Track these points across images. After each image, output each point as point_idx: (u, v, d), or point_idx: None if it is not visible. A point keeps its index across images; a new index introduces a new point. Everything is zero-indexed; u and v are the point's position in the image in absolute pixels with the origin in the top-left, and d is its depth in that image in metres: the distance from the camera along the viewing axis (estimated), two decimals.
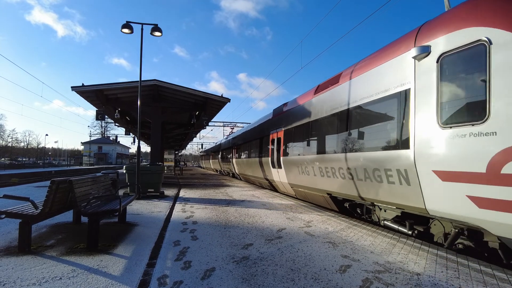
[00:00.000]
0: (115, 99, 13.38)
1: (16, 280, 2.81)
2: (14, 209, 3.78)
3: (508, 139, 3.15)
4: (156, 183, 9.62)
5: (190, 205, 7.62)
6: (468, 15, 3.76)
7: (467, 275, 3.09)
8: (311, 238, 4.47)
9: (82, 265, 3.24)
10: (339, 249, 3.90)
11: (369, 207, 6.10)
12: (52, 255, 3.56)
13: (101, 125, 75.31)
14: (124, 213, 5.43)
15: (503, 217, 3.22)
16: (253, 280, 2.88)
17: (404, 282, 2.87)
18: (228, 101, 13.40)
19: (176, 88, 12.24)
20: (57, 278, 2.89)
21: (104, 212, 4.02)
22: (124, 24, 8.63)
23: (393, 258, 3.56)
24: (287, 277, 2.96)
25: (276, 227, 5.15)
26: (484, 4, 3.61)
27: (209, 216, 6.12)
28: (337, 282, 2.85)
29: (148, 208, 7.11)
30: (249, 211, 6.78)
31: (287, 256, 3.61)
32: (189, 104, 14.41)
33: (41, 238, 4.33)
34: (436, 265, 3.36)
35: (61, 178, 3.97)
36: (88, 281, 2.84)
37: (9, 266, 3.17)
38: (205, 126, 18.76)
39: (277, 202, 8.32)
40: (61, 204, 4.18)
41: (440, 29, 4.12)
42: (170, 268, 3.18)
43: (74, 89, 11.15)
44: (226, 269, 3.16)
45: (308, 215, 6.34)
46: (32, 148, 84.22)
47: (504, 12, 3.41)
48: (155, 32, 8.99)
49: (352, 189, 5.94)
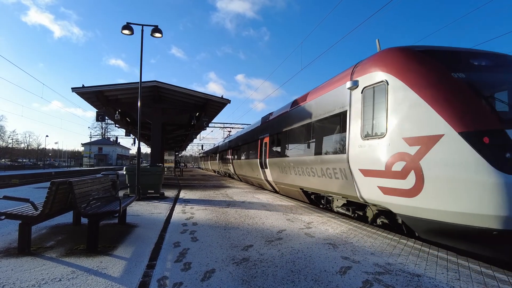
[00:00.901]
0: (115, 100, 13.38)
1: (16, 282, 2.81)
2: (14, 210, 3.77)
3: (395, 148, 4.63)
4: (156, 184, 9.62)
5: (190, 207, 7.61)
6: (378, 62, 5.35)
7: (468, 276, 3.08)
8: (311, 239, 4.46)
9: (81, 267, 3.23)
10: (339, 251, 3.89)
11: (329, 197, 7.52)
12: (51, 256, 3.56)
13: (101, 126, 75.35)
14: (124, 214, 5.43)
15: (396, 200, 4.65)
16: (253, 282, 2.87)
17: (404, 283, 2.86)
18: (228, 102, 13.42)
19: (177, 89, 12.25)
20: (56, 279, 2.88)
21: (104, 213, 4.02)
22: (124, 25, 8.64)
23: (394, 260, 3.55)
24: (287, 279, 2.95)
25: (276, 229, 5.15)
26: (386, 57, 5.25)
27: (209, 218, 6.11)
28: (337, 284, 2.84)
29: (148, 209, 7.11)
30: (249, 212, 6.78)
31: (287, 257, 3.61)
32: (189, 105, 14.42)
33: (41, 239, 4.32)
34: (436, 266, 3.36)
35: (61, 179, 3.97)
36: (88, 282, 2.83)
37: (9, 267, 3.16)
38: (205, 127, 18.77)
39: (277, 203, 8.31)
40: (61, 205, 4.18)
41: (364, 69, 5.68)
42: (170, 270, 3.18)
43: (75, 90, 11.16)
44: (226, 271, 3.15)
45: (308, 216, 6.33)
46: (33, 149, 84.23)
47: (396, 64, 4.97)
48: (155, 33, 9.00)
49: (315, 184, 7.52)
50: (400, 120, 4.68)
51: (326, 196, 7.60)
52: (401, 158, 4.51)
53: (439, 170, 4.04)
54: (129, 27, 8.68)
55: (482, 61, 4.97)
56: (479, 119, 3.97)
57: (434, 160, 4.10)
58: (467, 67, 4.70)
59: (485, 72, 4.84)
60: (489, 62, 4.97)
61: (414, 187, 4.31)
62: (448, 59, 4.82)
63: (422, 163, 4.20)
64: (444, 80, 4.44)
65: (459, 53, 5.08)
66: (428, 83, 4.47)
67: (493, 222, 3.61)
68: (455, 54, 5.04)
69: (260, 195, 10.33)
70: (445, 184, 3.98)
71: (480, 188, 3.65)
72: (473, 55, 5.03)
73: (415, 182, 4.29)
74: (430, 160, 4.14)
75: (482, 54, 5.19)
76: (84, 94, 11.88)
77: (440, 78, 4.47)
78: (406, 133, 4.52)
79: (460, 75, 4.45)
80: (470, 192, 3.75)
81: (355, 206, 6.42)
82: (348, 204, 6.59)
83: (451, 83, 4.38)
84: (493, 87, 4.87)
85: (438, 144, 4.07)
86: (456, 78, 4.41)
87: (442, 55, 4.93)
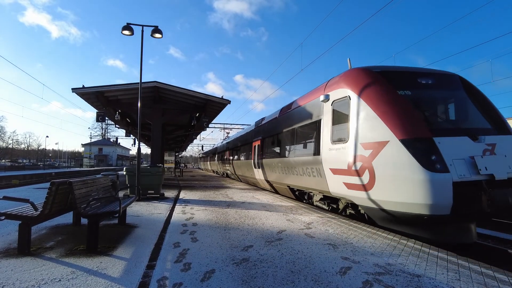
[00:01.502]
0: (115, 101, 13.38)
1: (15, 282, 2.80)
2: (14, 210, 3.77)
3: (354, 151, 5.62)
4: (156, 184, 9.62)
5: (190, 207, 7.61)
6: (344, 80, 6.36)
7: (468, 277, 3.08)
8: (311, 240, 4.45)
9: (81, 267, 3.23)
10: (340, 251, 3.88)
11: (310, 193, 8.55)
12: (51, 256, 3.56)
13: (101, 127, 75.39)
14: (124, 214, 5.43)
15: (357, 193, 5.64)
16: (253, 282, 2.87)
17: (404, 284, 2.86)
18: (229, 103, 13.41)
19: (177, 90, 12.25)
20: (56, 279, 2.88)
21: (104, 213, 4.02)
22: (124, 26, 8.64)
23: (394, 260, 3.54)
24: (287, 279, 2.95)
25: (276, 229, 5.14)
26: (350, 77, 6.25)
27: (209, 218, 6.11)
28: (337, 284, 2.84)
29: (148, 210, 7.10)
30: (249, 212, 6.77)
31: (287, 258, 3.60)
32: (189, 106, 14.42)
33: (41, 239, 4.32)
34: (436, 267, 3.35)
35: (61, 179, 3.97)
36: (88, 282, 2.83)
37: (9, 268, 3.16)
38: (205, 128, 18.78)
39: (277, 204, 8.30)
40: (61, 206, 4.18)
41: (333, 85, 6.72)
42: (169, 270, 3.17)
43: (75, 91, 11.16)
44: (226, 271, 3.14)
45: (308, 216, 6.33)
46: (33, 150, 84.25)
47: (356, 83, 5.94)
48: (155, 34, 9.00)
49: (299, 181, 8.50)
50: (358, 128, 5.66)
51: (308, 192, 8.69)
52: (359, 159, 5.51)
53: (385, 168, 5.01)
54: (129, 28, 8.68)
55: (424, 80, 5.98)
56: (414, 129, 4.91)
57: (382, 160, 5.07)
58: (411, 86, 5.77)
59: (424, 90, 5.92)
60: (430, 81, 6.00)
61: (368, 182, 5.29)
62: (397, 79, 5.88)
63: (374, 163, 5.17)
64: (391, 97, 5.45)
65: (407, 73, 6.16)
66: (379, 100, 5.48)
67: (423, 209, 4.54)
68: (403, 74, 6.11)
69: (260, 195, 10.32)
70: (390, 180, 4.95)
71: (413, 183, 4.60)
72: (418, 75, 6.03)
73: (369, 179, 5.27)
74: (379, 160, 5.10)
75: (426, 74, 6.17)
76: (84, 95, 11.88)
77: (388, 95, 5.48)
78: (363, 139, 5.50)
79: (405, 92, 5.58)
80: (406, 186, 4.70)
81: (329, 200, 7.52)
82: (324, 199, 7.71)
83: (396, 99, 5.41)
84: (429, 102, 6.03)
85: (385, 148, 5.04)
86: (401, 95, 5.49)
87: (392, 75, 5.94)
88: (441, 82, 6.11)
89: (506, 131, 5.43)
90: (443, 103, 6.21)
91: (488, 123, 5.57)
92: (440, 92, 6.08)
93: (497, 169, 4.65)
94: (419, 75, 6.04)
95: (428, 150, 4.66)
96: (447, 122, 5.98)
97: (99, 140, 73.25)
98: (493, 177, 4.58)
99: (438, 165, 4.51)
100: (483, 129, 5.37)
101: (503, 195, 4.49)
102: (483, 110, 5.84)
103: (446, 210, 4.40)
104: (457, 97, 6.15)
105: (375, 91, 5.58)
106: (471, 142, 4.90)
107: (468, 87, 6.16)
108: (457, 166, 4.55)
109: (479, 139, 4.95)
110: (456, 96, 6.16)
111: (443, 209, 4.41)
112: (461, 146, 4.83)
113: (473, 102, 5.98)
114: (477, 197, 4.44)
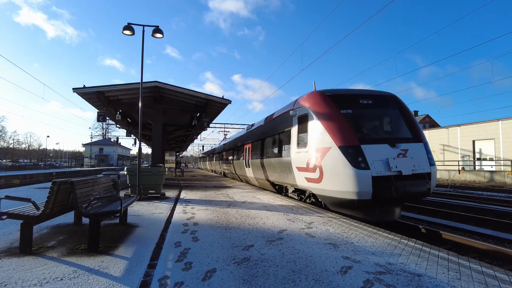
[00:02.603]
0: (116, 101, 13.41)
1: (17, 281, 2.82)
2: (16, 210, 3.79)
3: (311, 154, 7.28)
4: (157, 184, 9.63)
5: (191, 207, 7.62)
6: (305, 100, 8.09)
7: (469, 276, 3.08)
8: (312, 239, 4.46)
9: (83, 266, 3.24)
10: (340, 250, 3.89)
11: (286, 187, 10.43)
12: (53, 256, 3.57)
13: (102, 127, 75.47)
14: (125, 214, 5.43)
15: (313, 185, 7.27)
16: (254, 281, 2.87)
17: (405, 283, 2.86)
18: (229, 103, 13.44)
19: (177, 89, 12.26)
20: (58, 279, 2.89)
21: (105, 213, 4.03)
22: (125, 26, 8.65)
23: (394, 259, 3.55)
24: (288, 278, 2.95)
25: (277, 229, 5.15)
26: (309, 98, 7.95)
27: (210, 218, 6.12)
28: (338, 283, 2.85)
29: (149, 210, 7.12)
30: (250, 212, 6.78)
31: (288, 257, 3.61)
32: (190, 105, 14.44)
33: (42, 239, 4.34)
34: (437, 266, 3.35)
35: (63, 179, 3.98)
36: (89, 282, 2.84)
37: (11, 267, 3.17)
38: (206, 128, 18.77)
39: (278, 203, 8.31)
40: (62, 205, 4.19)
41: (299, 103, 8.43)
42: (171, 269, 3.18)
43: (76, 91, 11.18)
44: (227, 270, 3.15)
45: (309, 216, 6.33)
46: (34, 150, 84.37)
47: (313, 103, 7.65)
48: (156, 34, 9.01)
49: (277, 177, 10.22)
50: (313, 137, 7.34)
51: (285, 186, 10.43)
52: (313, 160, 7.16)
53: (329, 167, 6.69)
54: (130, 28, 8.69)
55: (365, 100, 7.58)
56: (347, 139, 6.55)
57: (327, 161, 6.74)
58: (352, 106, 7.39)
59: (362, 109, 7.52)
60: (369, 101, 7.61)
61: (319, 177, 6.95)
62: (342, 100, 7.45)
63: (322, 163, 6.87)
64: (335, 115, 7.07)
65: (351, 95, 7.76)
66: (326, 117, 7.15)
67: (353, 195, 6.21)
68: (348, 96, 7.71)
69: (261, 195, 10.32)
70: (332, 175, 6.61)
71: (346, 176, 6.26)
72: (360, 97, 7.63)
73: (319, 174, 6.95)
74: (325, 161, 6.79)
75: (367, 95, 7.74)
76: (85, 95, 11.90)
77: (332, 114, 7.11)
78: (316, 145, 7.17)
79: (347, 111, 7.20)
80: (342, 179, 6.35)
81: (299, 191, 9.35)
82: (295, 191, 9.59)
83: (337, 117, 7.01)
84: (364, 118, 7.68)
85: (329, 152, 6.72)
86: (342, 113, 7.10)
87: (339, 98, 7.53)
88: (379, 102, 7.83)
89: (419, 140, 7.13)
90: (377, 118, 7.99)
91: (409, 134, 7.28)
92: (376, 110, 7.82)
93: (404, 168, 6.37)
94: (360, 96, 7.65)
95: (356, 154, 6.33)
96: (374, 133, 7.67)
97: (100, 140, 73.33)
98: (401, 173, 6.28)
99: (363, 164, 6.20)
100: (402, 138, 7.09)
101: (402, 185, 6.15)
102: (407, 124, 7.51)
103: (368, 196, 6.11)
104: (389, 113, 7.91)
105: (324, 110, 7.31)
106: (390, 148, 6.62)
107: (400, 106, 7.86)
108: (376, 165, 6.25)
109: (396, 146, 6.69)
110: (389, 113, 7.91)
111: (366, 195, 6.12)
112: (381, 151, 6.51)
113: (402, 118, 7.67)
114: (388, 186, 6.10)
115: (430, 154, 7.08)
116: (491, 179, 23.45)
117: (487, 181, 23.42)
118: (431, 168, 6.76)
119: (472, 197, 13.59)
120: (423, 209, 10.26)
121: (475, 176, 25.05)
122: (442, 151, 32.81)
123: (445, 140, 32.73)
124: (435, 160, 7.37)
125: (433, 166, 6.85)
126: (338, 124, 6.85)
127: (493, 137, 28.06)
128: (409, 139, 7.07)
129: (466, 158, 30.41)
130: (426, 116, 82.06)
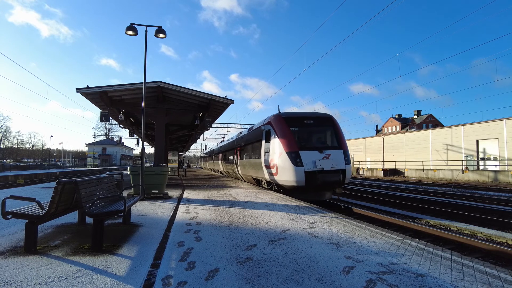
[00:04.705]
0: (119, 101, 13.47)
1: (23, 280, 2.85)
2: (21, 209, 3.82)
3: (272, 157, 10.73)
4: (160, 184, 9.67)
5: (194, 206, 7.65)
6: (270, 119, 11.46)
7: (472, 276, 3.07)
8: (315, 239, 4.46)
9: (87, 265, 3.27)
10: (343, 250, 3.89)
11: (261, 180, 13.40)
12: (57, 255, 3.60)
13: (105, 127, 75.81)
14: (128, 214, 5.47)
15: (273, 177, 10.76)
16: (257, 281, 2.88)
17: (408, 283, 2.86)
18: (232, 103, 13.45)
19: (180, 89, 12.29)
20: (63, 278, 2.92)
21: (109, 213, 4.05)
22: (128, 26, 8.68)
23: (397, 259, 3.54)
24: (291, 278, 2.96)
25: (280, 228, 5.15)
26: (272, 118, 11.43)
27: (213, 217, 6.14)
28: (341, 283, 2.85)
29: (152, 209, 7.15)
30: (253, 212, 6.79)
31: (291, 257, 3.61)
32: (193, 105, 14.47)
33: (47, 238, 4.38)
34: (440, 266, 3.35)
35: (67, 179, 4.01)
36: (94, 281, 2.86)
37: (16, 266, 3.21)
38: (209, 128, 18.81)
39: (280, 203, 8.31)
40: (67, 205, 4.22)
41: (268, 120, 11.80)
42: (174, 269, 3.20)
43: (79, 91, 11.25)
44: (230, 270, 3.17)
45: (312, 216, 6.33)
46: (37, 150, 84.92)
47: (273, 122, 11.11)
48: (159, 34, 9.04)
49: (255, 173, 13.53)
50: (273, 145, 10.69)
51: (261, 180, 13.46)
52: (273, 161, 10.54)
53: (281, 165, 10.01)
54: (133, 28, 8.72)
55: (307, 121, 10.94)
56: (292, 147, 9.92)
57: (280, 161, 10.07)
58: (298, 124, 10.80)
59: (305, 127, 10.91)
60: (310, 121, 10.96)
61: (276, 172, 10.37)
62: (291, 120, 10.77)
63: (277, 162, 10.20)
64: (286, 131, 10.40)
65: (298, 117, 11.06)
66: (280, 132, 10.48)
67: (295, 183, 9.63)
68: (296, 118, 11.00)
69: (263, 195, 10.34)
70: (283, 170, 9.95)
71: (290, 171, 9.68)
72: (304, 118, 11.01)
73: (276, 170, 10.32)
74: (279, 161, 10.13)
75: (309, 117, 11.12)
76: (89, 95, 11.96)
77: (283, 130, 10.45)
78: (274, 150, 10.54)
79: (294, 128, 10.60)
80: (288, 173, 9.75)
81: (268, 183, 12.32)
82: (267, 183, 12.60)
83: (287, 132, 10.35)
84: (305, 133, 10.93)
85: (281, 156, 10.07)
86: (291, 130, 10.43)
87: (289, 119, 10.85)
88: (317, 121, 11.11)
89: (340, 148, 10.39)
90: (314, 133, 11.16)
91: (335, 143, 10.66)
92: (314, 127, 11.06)
93: (325, 165, 9.78)
94: (305, 118, 11.00)
95: (296, 157, 9.70)
96: (310, 143, 10.71)
97: (103, 140, 73.67)
98: (323, 169, 9.69)
99: (300, 163, 9.58)
100: (328, 147, 10.47)
101: (322, 177, 9.60)
102: (335, 137, 10.83)
103: (303, 183, 9.54)
104: (323, 130, 11.18)
105: (279, 127, 10.61)
106: (318, 153, 9.94)
107: (333, 124, 11.14)
108: (307, 164, 9.63)
109: (322, 152, 9.99)
110: (323, 129, 11.18)
111: (301, 183, 9.54)
112: (312, 155, 9.83)
113: (333, 132, 10.95)
114: (314, 178, 9.55)
115: (348, 157, 10.29)
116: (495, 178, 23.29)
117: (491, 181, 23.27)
118: (346, 166, 10.04)
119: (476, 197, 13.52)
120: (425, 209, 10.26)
121: (479, 176, 24.90)
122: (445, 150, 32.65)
123: (448, 140, 32.55)
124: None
125: (348, 165, 10.10)
126: (287, 137, 10.18)
127: (497, 136, 27.86)
128: (333, 147, 10.38)
129: (470, 158, 30.23)
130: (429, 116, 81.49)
